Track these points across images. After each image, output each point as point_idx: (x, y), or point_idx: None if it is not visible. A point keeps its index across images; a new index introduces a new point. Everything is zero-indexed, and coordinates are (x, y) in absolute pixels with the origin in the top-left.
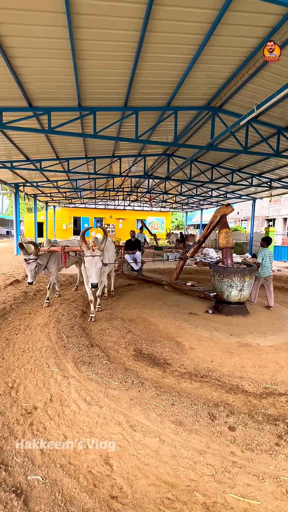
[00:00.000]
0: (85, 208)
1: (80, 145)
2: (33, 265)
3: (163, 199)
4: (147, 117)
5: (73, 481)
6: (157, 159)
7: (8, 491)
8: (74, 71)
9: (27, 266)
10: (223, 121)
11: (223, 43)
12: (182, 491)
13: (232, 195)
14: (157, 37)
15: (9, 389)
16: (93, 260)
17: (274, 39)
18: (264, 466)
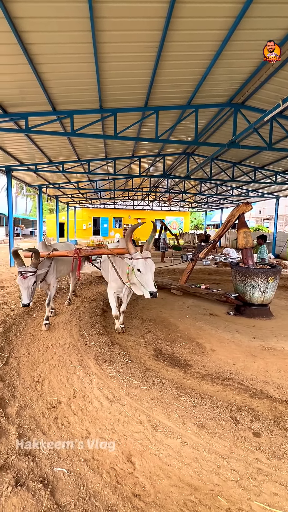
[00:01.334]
0: (104, 209)
1: (100, 146)
2: (31, 281)
3: (182, 198)
4: (167, 116)
5: (97, 476)
6: (176, 158)
7: (36, 481)
8: (96, 74)
9: (23, 282)
10: (245, 117)
11: (247, 37)
12: (206, 494)
13: (254, 193)
14: (179, 36)
15: (35, 383)
16: (147, 263)
17: None
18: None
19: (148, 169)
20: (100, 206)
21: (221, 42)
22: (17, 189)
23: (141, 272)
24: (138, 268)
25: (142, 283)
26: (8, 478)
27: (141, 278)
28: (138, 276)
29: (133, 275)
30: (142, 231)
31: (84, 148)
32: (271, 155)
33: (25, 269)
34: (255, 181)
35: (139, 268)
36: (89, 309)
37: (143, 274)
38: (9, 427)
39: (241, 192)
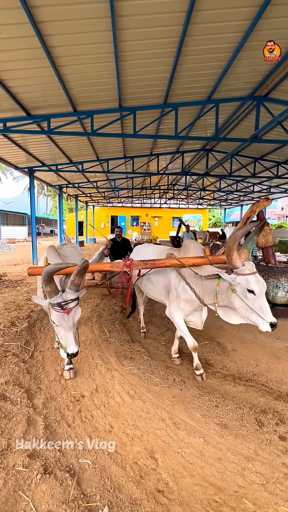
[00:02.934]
0: (122, 207)
1: (119, 145)
2: (77, 314)
3: (200, 196)
4: (186, 112)
5: (121, 469)
6: (195, 155)
7: (63, 470)
8: (116, 73)
9: (66, 320)
10: (269, 110)
11: (271, 26)
12: (230, 496)
13: (276, 189)
14: (200, 29)
15: (59, 377)
16: (259, 281)
17: None
18: None
19: (166, 167)
20: (117, 204)
21: (244, 33)
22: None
23: (255, 294)
24: (251, 288)
25: (256, 310)
26: (37, 466)
27: (254, 303)
28: (250, 300)
29: (235, 297)
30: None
31: (103, 148)
32: None
33: (66, 297)
34: (278, 176)
35: (252, 289)
36: (108, 306)
37: (257, 297)
38: (37, 418)
39: (263, 188)
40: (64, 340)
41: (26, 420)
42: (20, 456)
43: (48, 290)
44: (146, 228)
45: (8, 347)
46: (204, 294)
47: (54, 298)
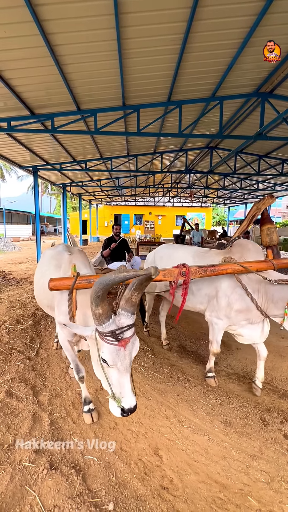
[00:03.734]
0: (125, 206)
1: (122, 143)
2: (134, 347)
3: (204, 194)
4: (190, 110)
5: (125, 466)
6: (199, 153)
7: (68, 466)
8: (119, 71)
9: (120, 356)
10: (274, 107)
11: (277, 20)
12: (235, 493)
13: (281, 187)
14: (205, 25)
15: (64, 374)
16: None
17: None
18: None
19: (169, 165)
20: (121, 203)
21: (249, 28)
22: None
23: None
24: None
25: None
26: (43, 461)
27: None
28: None
29: None
30: (163, 226)
31: (106, 146)
32: None
33: (121, 322)
34: (282, 174)
35: None
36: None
37: None
38: (42, 414)
39: (267, 186)
40: (118, 388)
41: (32, 416)
42: (27, 451)
43: (99, 313)
44: (150, 226)
45: (14, 344)
46: (269, 303)
47: (106, 325)
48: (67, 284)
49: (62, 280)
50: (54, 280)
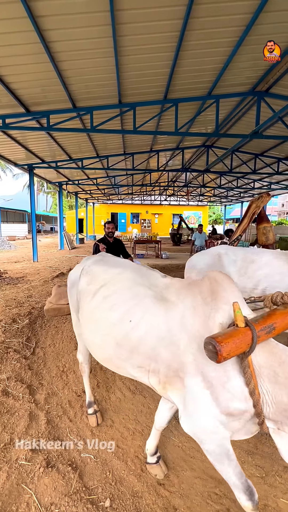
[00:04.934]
0: (122, 204)
1: (119, 141)
2: None
3: (200, 192)
4: (186, 108)
5: (122, 463)
6: (195, 151)
7: (65, 464)
8: (115, 69)
9: None
10: (269, 105)
11: (273, 19)
12: (230, 488)
13: (277, 185)
14: (201, 23)
15: (60, 373)
16: None
17: None
18: None
19: (166, 164)
20: (117, 201)
21: (245, 27)
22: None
23: None
24: None
25: None
26: (39, 459)
27: None
28: None
29: None
30: (160, 225)
31: (102, 144)
32: None
33: None
34: (278, 172)
35: None
36: None
37: None
38: (39, 413)
39: (263, 184)
40: None
41: (29, 415)
42: (23, 450)
43: None
44: (147, 225)
45: (10, 343)
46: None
47: None
48: (245, 343)
49: (236, 339)
50: (227, 341)
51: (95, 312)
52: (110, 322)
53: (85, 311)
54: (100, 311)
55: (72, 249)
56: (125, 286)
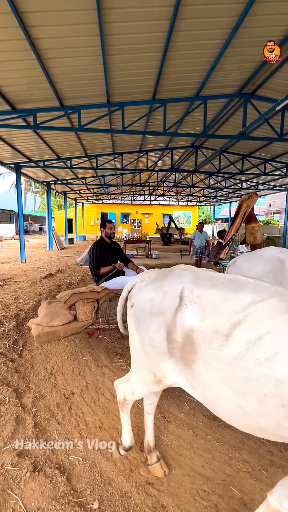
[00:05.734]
0: (111, 204)
1: (108, 141)
2: None
3: (190, 192)
4: (175, 109)
5: (111, 464)
6: (184, 151)
7: (52, 468)
8: (103, 68)
9: None
10: (256, 107)
11: (258, 23)
12: (218, 484)
13: (264, 186)
14: (188, 24)
15: (49, 375)
16: None
17: None
18: None
19: (155, 163)
20: (107, 201)
21: (231, 29)
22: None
23: None
24: None
25: None
26: (26, 464)
27: None
28: None
29: None
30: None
31: (91, 143)
32: (282, 146)
33: None
34: (265, 173)
35: None
36: None
37: None
38: (26, 416)
39: (251, 185)
40: None
41: (15, 419)
42: (9, 455)
43: None
44: (137, 225)
45: None
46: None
47: None
48: None
49: None
50: None
51: (240, 364)
52: (274, 379)
53: (212, 360)
54: (250, 364)
55: (61, 249)
56: (280, 321)
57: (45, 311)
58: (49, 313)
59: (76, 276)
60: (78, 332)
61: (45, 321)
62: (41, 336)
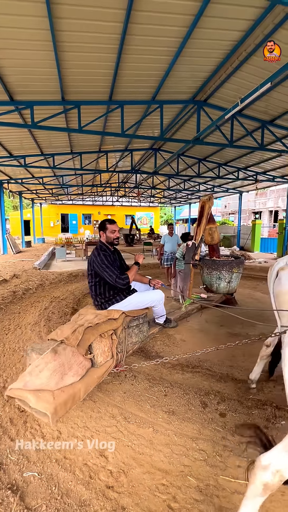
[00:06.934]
0: (72, 205)
1: (65, 140)
2: None
3: (151, 194)
4: (132, 111)
5: (69, 474)
6: (144, 153)
7: (3, 488)
8: (56, 64)
9: None
10: (208, 115)
11: (206, 35)
12: (176, 476)
13: (219, 188)
14: (141, 29)
15: (1, 389)
16: None
17: (256, 32)
18: None
19: (116, 164)
20: (68, 202)
21: (182, 39)
22: None
23: None
24: None
25: None
26: None
27: None
28: None
29: None
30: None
31: (47, 142)
32: (234, 152)
33: None
34: (219, 176)
35: None
36: (58, 308)
37: None
38: None
39: (208, 187)
40: None
41: None
42: None
43: None
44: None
45: None
46: None
47: None
48: None
49: None
50: None
51: None
52: None
53: None
54: None
55: (17, 253)
56: None
57: (53, 366)
58: (58, 369)
59: (34, 281)
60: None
61: (52, 383)
62: (58, 410)
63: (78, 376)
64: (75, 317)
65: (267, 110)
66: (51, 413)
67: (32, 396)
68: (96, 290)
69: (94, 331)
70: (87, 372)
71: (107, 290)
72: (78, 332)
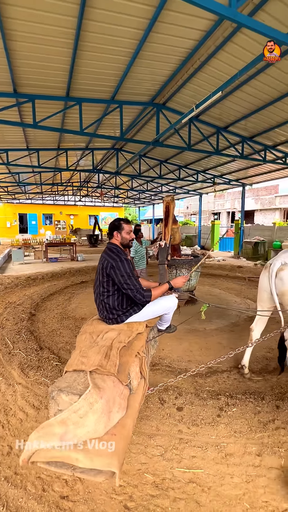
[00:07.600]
0: (31, 204)
1: (20, 135)
2: None
3: (114, 194)
4: (92, 109)
5: (20, 491)
6: (106, 153)
7: None
8: (5, 53)
9: None
10: (167, 118)
11: (162, 41)
12: (133, 475)
13: (180, 190)
14: (95, 27)
15: None
16: None
17: (208, 43)
18: (207, 437)
19: (77, 163)
20: (26, 201)
21: (139, 41)
22: None
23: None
24: None
25: None
26: None
27: None
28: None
29: None
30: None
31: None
32: (193, 155)
33: None
34: (180, 178)
35: None
36: (13, 315)
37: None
38: None
39: (170, 189)
40: None
41: None
42: None
43: None
44: (62, 226)
45: None
46: None
47: None
48: None
49: None
50: None
51: None
52: None
53: None
54: None
55: None
56: None
57: (93, 409)
58: (105, 408)
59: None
60: None
61: (101, 428)
62: (121, 461)
63: (123, 410)
64: (87, 337)
65: (221, 117)
66: (118, 468)
67: (81, 454)
68: (114, 301)
69: (129, 351)
70: (128, 402)
71: (125, 301)
72: (114, 355)
